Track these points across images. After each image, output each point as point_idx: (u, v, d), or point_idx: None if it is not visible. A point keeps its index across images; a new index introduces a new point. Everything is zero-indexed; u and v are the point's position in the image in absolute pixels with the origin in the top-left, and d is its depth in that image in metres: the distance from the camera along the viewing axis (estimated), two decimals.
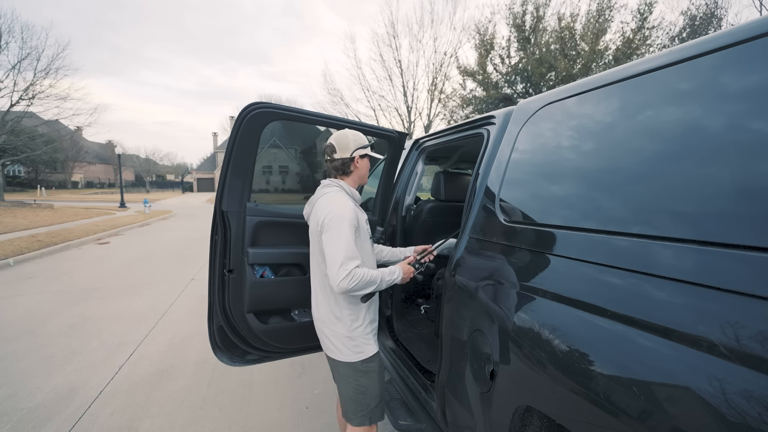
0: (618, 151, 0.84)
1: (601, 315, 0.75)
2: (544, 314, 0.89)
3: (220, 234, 1.61)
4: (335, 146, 1.39)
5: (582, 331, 0.78)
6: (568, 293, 0.84)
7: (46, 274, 5.34)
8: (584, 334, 0.77)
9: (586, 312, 0.78)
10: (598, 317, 0.75)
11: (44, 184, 33.76)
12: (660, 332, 0.63)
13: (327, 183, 1.41)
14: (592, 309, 0.77)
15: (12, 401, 2.25)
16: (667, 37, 12.01)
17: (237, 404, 2.27)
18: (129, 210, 15.80)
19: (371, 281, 1.25)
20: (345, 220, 1.24)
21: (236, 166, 1.55)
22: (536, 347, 0.86)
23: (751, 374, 0.51)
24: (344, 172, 1.41)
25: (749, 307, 0.53)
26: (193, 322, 3.57)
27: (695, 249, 0.62)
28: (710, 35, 0.72)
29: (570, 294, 0.83)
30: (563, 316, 0.84)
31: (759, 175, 0.57)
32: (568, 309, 0.84)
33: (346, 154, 1.38)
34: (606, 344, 0.72)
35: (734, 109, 0.64)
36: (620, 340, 0.69)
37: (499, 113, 1.41)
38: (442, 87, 16.31)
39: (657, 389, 0.60)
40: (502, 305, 1.01)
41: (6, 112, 14.87)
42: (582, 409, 0.74)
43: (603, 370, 0.70)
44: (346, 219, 1.24)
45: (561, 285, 0.87)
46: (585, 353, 0.76)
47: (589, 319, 0.77)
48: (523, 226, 1.05)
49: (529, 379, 0.87)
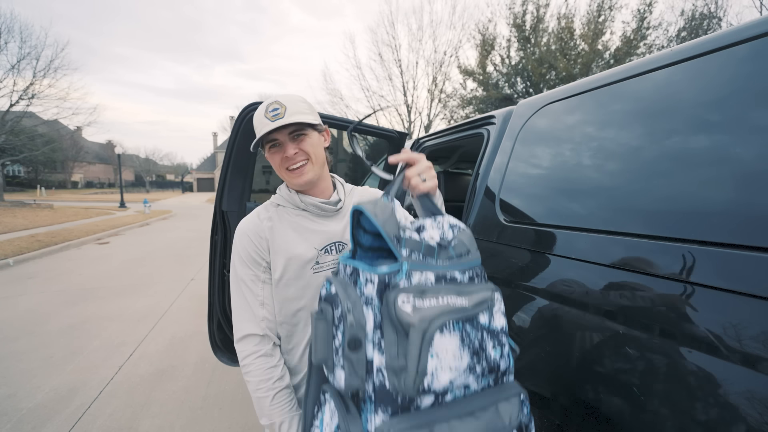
0: (619, 151, 0.84)
1: (602, 315, 0.75)
2: (544, 314, 0.89)
3: (220, 234, 1.61)
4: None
5: (583, 331, 0.78)
6: (568, 294, 0.84)
7: (46, 274, 5.33)
8: (585, 335, 0.77)
9: (587, 312, 0.78)
10: (599, 318, 0.75)
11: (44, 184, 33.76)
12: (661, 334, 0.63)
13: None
14: (592, 309, 0.77)
15: (12, 401, 2.25)
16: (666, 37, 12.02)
17: (237, 404, 2.27)
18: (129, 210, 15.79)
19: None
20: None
21: (236, 166, 1.55)
22: (536, 348, 0.86)
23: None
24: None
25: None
26: (192, 322, 3.56)
27: (697, 249, 0.62)
28: (710, 35, 0.72)
29: (570, 294, 0.83)
30: (563, 317, 0.84)
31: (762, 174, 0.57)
32: (568, 309, 0.84)
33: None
34: (607, 345, 0.72)
35: (736, 109, 0.64)
36: (623, 341, 0.69)
37: (499, 113, 1.41)
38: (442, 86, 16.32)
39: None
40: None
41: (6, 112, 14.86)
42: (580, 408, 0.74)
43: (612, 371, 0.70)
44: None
45: (561, 285, 0.87)
46: (588, 354, 0.76)
47: (590, 320, 0.77)
48: (524, 226, 1.05)
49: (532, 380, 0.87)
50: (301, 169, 0.87)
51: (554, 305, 0.87)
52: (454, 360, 0.52)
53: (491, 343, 0.56)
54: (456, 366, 0.52)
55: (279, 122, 0.82)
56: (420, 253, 0.59)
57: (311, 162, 0.88)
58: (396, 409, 0.52)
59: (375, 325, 0.54)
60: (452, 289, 0.56)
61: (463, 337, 0.53)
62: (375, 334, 0.53)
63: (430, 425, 0.50)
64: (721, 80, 0.67)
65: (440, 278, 0.57)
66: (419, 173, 0.75)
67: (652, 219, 0.72)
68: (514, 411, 0.56)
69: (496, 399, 0.56)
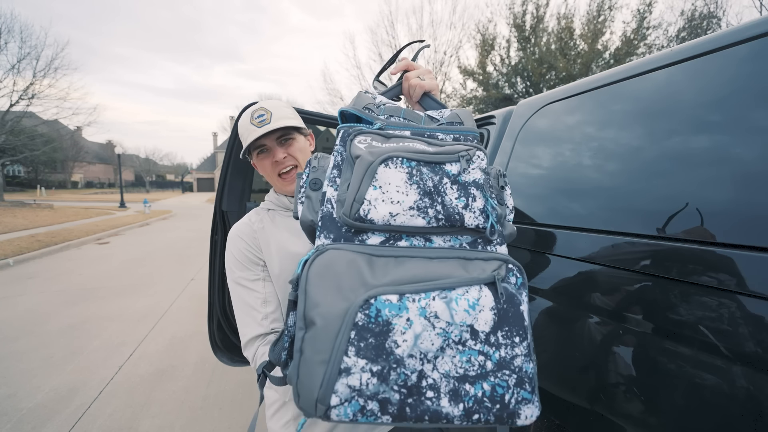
0: (619, 151, 0.84)
1: (602, 315, 0.75)
2: (544, 314, 0.89)
3: (220, 234, 1.61)
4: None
5: (583, 331, 0.78)
6: (568, 293, 0.84)
7: (46, 274, 5.33)
8: (585, 335, 0.77)
9: (587, 312, 0.78)
10: (599, 318, 0.75)
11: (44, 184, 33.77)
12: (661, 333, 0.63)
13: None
14: (592, 309, 0.77)
15: (12, 401, 2.25)
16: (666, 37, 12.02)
17: (237, 404, 2.27)
18: (129, 210, 15.79)
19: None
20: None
21: (236, 166, 1.55)
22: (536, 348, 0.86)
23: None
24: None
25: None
26: (192, 322, 3.56)
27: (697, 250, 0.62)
28: (710, 35, 0.72)
29: (570, 294, 0.83)
30: (563, 317, 0.84)
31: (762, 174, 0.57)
32: (567, 309, 0.84)
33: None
34: (607, 345, 0.72)
35: (736, 109, 0.64)
36: (623, 341, 0.70)
37: (499, 113, 1.41)
38: (442, 86, 16.31)
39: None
40: None
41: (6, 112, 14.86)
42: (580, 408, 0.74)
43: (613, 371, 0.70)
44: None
45: (561, 285, 0.87)
46: (588, 354, 0.76)
47: (590, 320, 0.77)
48: (524, 227, 1.05)
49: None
50: (291, 174, 0.89)
51: (554, 305, 0.87)
52: (397, 194, 0.50)
53: (455, 193, 0.51)
54: (399, 200, 0.50)
55: (267, 128, 0.83)
56: (400, 117, 0.61)
57: (300, 168, 0.90)
58: (339, 237, 0.52)
59: (334, 165, 0.57)
60: (423, 141, 0.56)
61: (412, 174, 0.50)
62: (332, 172, 0.56)
63: (370, 254, 0.49)
64: (721, 80, 0.67)
65: (417, 134, 0.58)
66: (418, 75, 0.73)
67: (652, 219, 0.71)
68: (489, 269, 0.50)
69: (467, 256, 0.52)
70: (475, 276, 0.49)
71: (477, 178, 0.53)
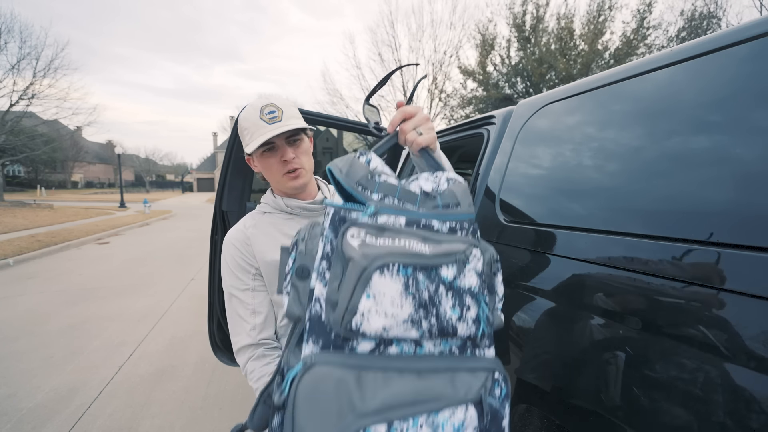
0: (619, 151, 0.84)
1: (602, 315, 0.75)
2: (544, 314, 0.89)
3: (220, 234, 1.60)
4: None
5: (583, 331, 0.78)
6: (568, 294, 0.84)
7: (46, 274, 5.33)
8: (585, 335, 0.77)
9: (587, 312, 0.78)
10: (599, 318, 0.75)
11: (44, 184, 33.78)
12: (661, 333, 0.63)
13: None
14: (592, 309, 0.77)
15: (12, 401, 2.25)
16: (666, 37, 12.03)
17: (237, 404, 2.27)
18: (129, 210, 15.80)
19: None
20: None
21: (236, 166, 1.55)
22: (536, 348, 0.86)
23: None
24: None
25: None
26: (192, 322, 3.56)
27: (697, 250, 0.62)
28: (710, 35, 0.72)
29: (570, 294, 0.83)
30: (563, 317, 0.84)
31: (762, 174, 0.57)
32: (567, 309, 0.84)
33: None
34: (607, 345, 0.72)
35: (736, 109, 0.64)
36: (623, 341, 0.70)
37: (499, 113, 1.41)
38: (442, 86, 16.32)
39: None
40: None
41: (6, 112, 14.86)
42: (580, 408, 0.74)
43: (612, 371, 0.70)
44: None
45: (561, 285, 0.87)
46: (588, 354, 0.76)
47: (590, 320, 0.77)
48: (524, 226, 1.05)
49: (532, 380, 0.87)
50: (299, 172, 0.88)
51: (554, 305, 0.87)
52: (391, 306, 0.48)
53: (450, 302, 0.50)
54: (393, 313, 0.48)
55: (280, 126, 0.83)
56: (394, 198, 0.56)
57: (304, 168, 0.90)
58: (328, 344, 0.49)
59: (323, 255, 0.52)
60: (418, 235, 0.52)
61: (408, 284, 0.48)
62: (321, 264, 0.52)
63: (359, 368, 0.47)
64: (722, 80, 0.67)
65: (412, 223, 0.54)
66: (415, 127, 0.69)
67: (652, 219, 0.71)
68: (475, 385, 0.50)
69: (455, 367, 0.51)
70: (461, 396, 0.49)
71: (472, 286, 0.52)
